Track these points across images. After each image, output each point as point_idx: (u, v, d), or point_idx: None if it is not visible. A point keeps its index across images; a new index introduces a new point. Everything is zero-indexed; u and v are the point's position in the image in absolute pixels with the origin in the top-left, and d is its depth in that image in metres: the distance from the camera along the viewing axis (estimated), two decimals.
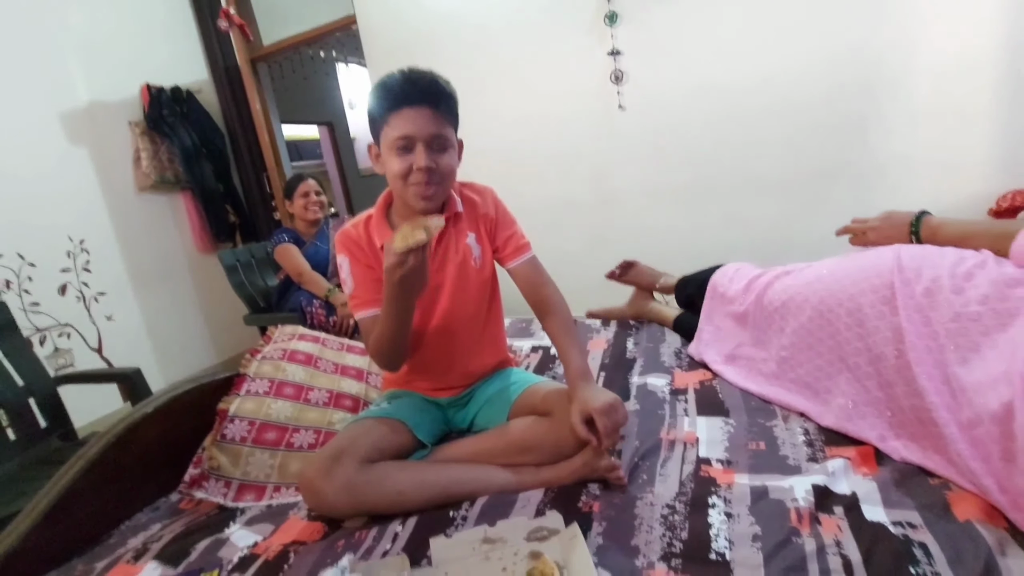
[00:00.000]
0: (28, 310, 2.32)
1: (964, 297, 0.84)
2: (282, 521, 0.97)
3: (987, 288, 0.82)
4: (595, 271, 2.34)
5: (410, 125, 0.93)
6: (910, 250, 0.96)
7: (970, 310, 0.82)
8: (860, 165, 2.02)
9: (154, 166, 2.81)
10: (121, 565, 0.90)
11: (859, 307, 0.96)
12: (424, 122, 0.93)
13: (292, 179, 2.37)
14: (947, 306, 0.85)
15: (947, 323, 0.84)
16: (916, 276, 0.90)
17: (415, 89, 0.93)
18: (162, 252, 2.90)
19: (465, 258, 1.06)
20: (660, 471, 0.93)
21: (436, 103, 0.94)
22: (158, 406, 1.10)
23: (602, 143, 2.31)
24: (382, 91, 0.95)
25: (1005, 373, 0.72)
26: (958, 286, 0.85)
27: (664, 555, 0.74)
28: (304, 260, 2.19)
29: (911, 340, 0.86)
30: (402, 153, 0.94)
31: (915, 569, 0.66)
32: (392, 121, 0.94)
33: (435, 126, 0.94)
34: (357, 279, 1.04)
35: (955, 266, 0.88)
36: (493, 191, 1.14)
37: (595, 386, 0.94)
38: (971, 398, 0.76)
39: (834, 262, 1.08)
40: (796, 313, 1.08)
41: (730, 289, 1.28)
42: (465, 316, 1.09)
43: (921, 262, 0.92)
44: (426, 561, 0.80)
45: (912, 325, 0.87)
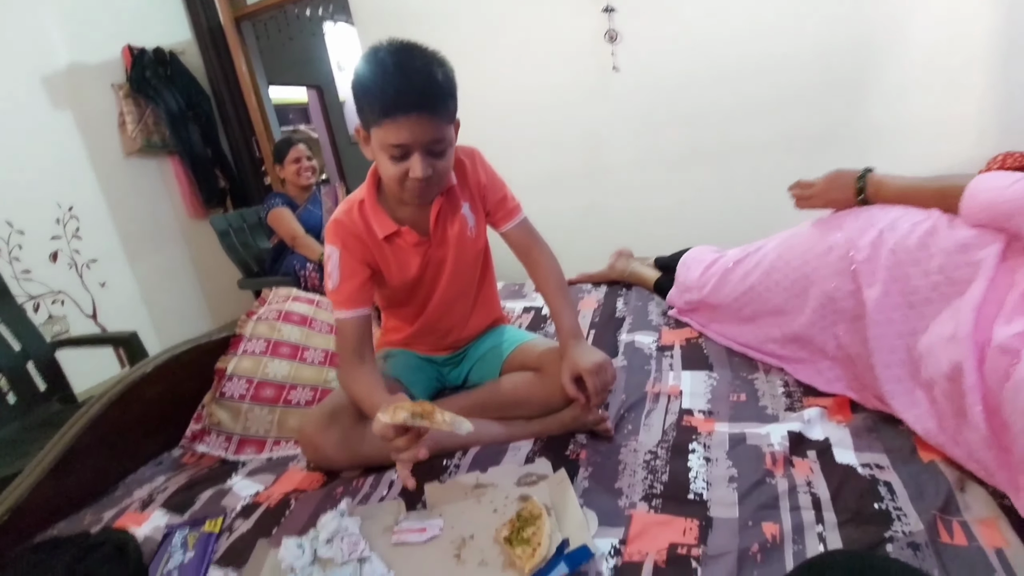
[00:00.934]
0: (20, 278, 2.31)
1: (920, 268, 0.85)
2: (282, 472, 1.01)
3: (941, 258, 0.82)
4: (586, 239, 2.35)
5: (406, 134, 0.83)
6: (860, 223, 0.95)
7: (929, 280, 0.84)
8: (854, 129, 2.01)
9: (140, 130, 2.75)
10: (129, 514, 0.94)
11: (824, 292, 0.97)
12: (422, 130, 0.83)
13: (281, 143, 2.33)
14: (906, 279, 0.86)
15: (909, 295, 0.86)
16: (875, 253, 0.90)
17: (411, 94, 0.81)
18: (153, 218, 2.88)
19: (462, 230, 1.03)
20: (644, 421, 0.97)
21: (434, 107, 0.83)
22: (157, 365, 1.12)
23: (595, 107, 2.28)
24: (372, 89, 0.83)
25: (953, 335, 0.75)
26: (914, 258, 0.86)
27: (646, 496, 0.79)
28: (298, 224, 2.19)
29: (872, 316, 0.88)
30: (397, 160, 0.86)
31: (879, 505, 0.70)
32: (385, 125, 0.83)
33: (433, 131, 0.84)
34: (345, 273, 0.96)
35: (907, 236, 0.87)
36: (480, 153, 1.08)
37: (586, 345, 0.96)
38: (927, 361, 0.79)
39: (783, 248, 1.08)
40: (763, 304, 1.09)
41: (688, 277, 1.29)
42: (463, 286, 1.09)
43: (875, 236, 0.91)
44: (421, 505, 0.84)
45: (877, 302, 0.88)
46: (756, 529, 0.70)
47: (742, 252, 1.18)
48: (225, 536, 0.85)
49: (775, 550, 0.66)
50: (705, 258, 1.28)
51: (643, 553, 0.69)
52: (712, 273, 1.21)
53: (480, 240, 1.09)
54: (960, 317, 0.74)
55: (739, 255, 1.18)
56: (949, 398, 0.74)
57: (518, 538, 0.71)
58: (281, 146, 2.31)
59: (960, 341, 0.72)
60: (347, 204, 0.99)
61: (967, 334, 0.71)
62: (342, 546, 0.74)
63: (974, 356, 0.70)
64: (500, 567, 0.69)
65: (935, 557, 0.62)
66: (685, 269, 1.31)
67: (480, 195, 1.06)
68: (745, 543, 0.68)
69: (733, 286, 1.15)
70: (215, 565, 0.79)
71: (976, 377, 0.69)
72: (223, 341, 1.24)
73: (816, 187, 1.06)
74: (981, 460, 0.69)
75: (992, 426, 0.67)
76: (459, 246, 1.03)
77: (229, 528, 0.86)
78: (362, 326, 0.96)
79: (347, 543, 0.75)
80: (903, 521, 0.67)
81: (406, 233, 0.98)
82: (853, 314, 0.92)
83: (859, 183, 1.00)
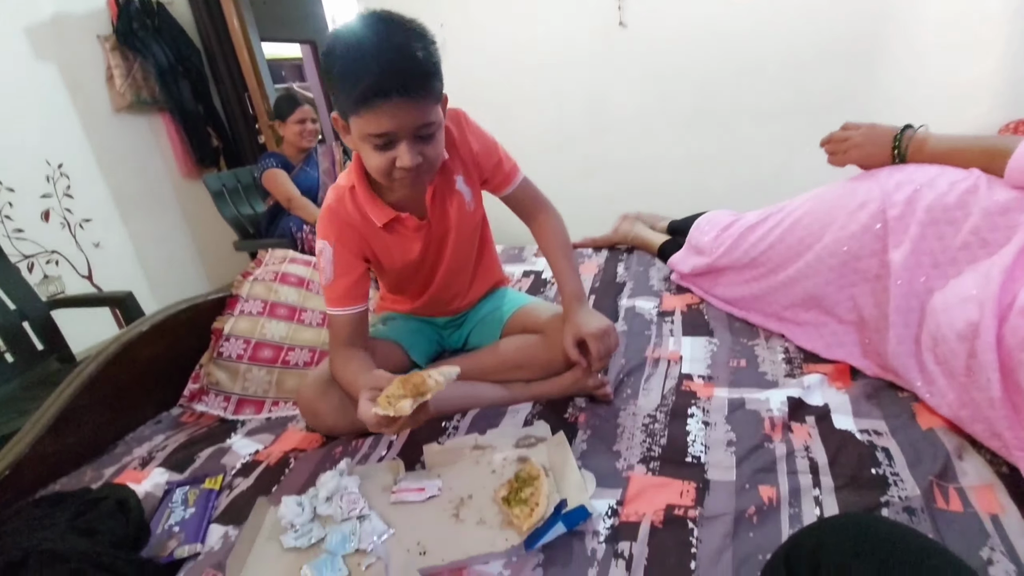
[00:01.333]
0: (12, 237, 2.27)
1: (955, 227, 0.83)
2: (281, 432, 1.01)
3: (978, 219, 0.81)
4: (589, 201, 2.31)
5: (388, 122, 0.74)
6: (896, 178, 0.93)
7: (959, 240, 0.82)
8: (867, 92, 1.96)
9: (129, 85, 2.66)
10: (129, 471, 0.94)
11: (849, 249, 0.94)
12: (405, 116, 0.75)
13: (285, 99, 2.24)
14: (938, 239, 0.84)
15: (937, 254, 0.84)
16: (910, 209, 0.88)
17: (389, 78, 0.72)
18: (146, 177, 2.82)
19: (460, 206, 0.98)
20: (644, 386, 0.97)
21: (417, 89, 0.74)
22: (153, 324, 1.11)
23: (601, 64, 2.20)
24: (345, 75, 0.74)
25: (977, 296, 0.73)
26: (951, 217, 0.84)
27: (644, 458, 0.79)
28: (293, 185, 2.14)
29: (897, 272, 0.86)
30: (381, 150, 0.78)
31: (876, 470, 0.71)
32: (364, 115, 0.75)
33: (419, 116, 0.76)
34: (339, 270, 0.92)
35: (945, 195, 0.85)
36: (465, 115, 0.96)
37: (590, 309, 0.94)
38: (939, 317, 0.78)
39: (815, 203, 1.04)
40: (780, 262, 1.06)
41: (701, 240, 1.26)
42: (464, 260, 1.06)
43: (912, 192, 0.89)
44: (419, 465, 0.84)
45: (903, 261, 0.86)
46: (753, 492, 0.70)
47: (763, 213, 1.15)
48: (225, 493, 0.85)
49: (771, 512, 0.67)
50: (721, 221, 1.24)
51: (640, 514, 0.69)
52: (729, 235, 1.18)
53: (478, 212, 1.04)
54: (987, 278, 0.73)
55: (760, 216, 1.15)
56: (956, 357, 0.74)
57: (516, 498, 0.72)
58: (284, 103, 2.22)
59: (983, 302, 0.71)
60: (337, 192, 0.93)
61: (991, 295, 0.70)
62: (341, 504, 0.75)
63: (995, 317, 0.69)
64: (498, 526, 0.70)
65: (930, 522, 0.62)
66: (699, 233, 1.28)
67: (473, 164, 0.97)
68: (741, 505, 0.68)
69: (751, 245, 1.12)
70: (215, 521, 0.80)
71: (993, 338, 0.68)
72: (219, 301, 1.22)
73: (851, 140, 1.01)
74: (988, 420, 0.69)
75: (1005, 387, 0.66)
76: (459, 223, 0.99)
77: (229, 486, 0.87)
78: (355, 323, 0.94)
79: (346, 501, 0.75)
80: (899, 486, 0.67)
81: (406, 219, 0.94)
82: (876, 273, 0.91)
83: (896, 141, 0.96)
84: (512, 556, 0.66)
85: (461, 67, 2.56)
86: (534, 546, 0.66)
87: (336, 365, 0.92)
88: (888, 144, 0.98)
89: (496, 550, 0.66)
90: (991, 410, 0.68)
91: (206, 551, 0.74)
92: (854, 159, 1.02)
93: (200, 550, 0.74)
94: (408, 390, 0.72)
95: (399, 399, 0.71)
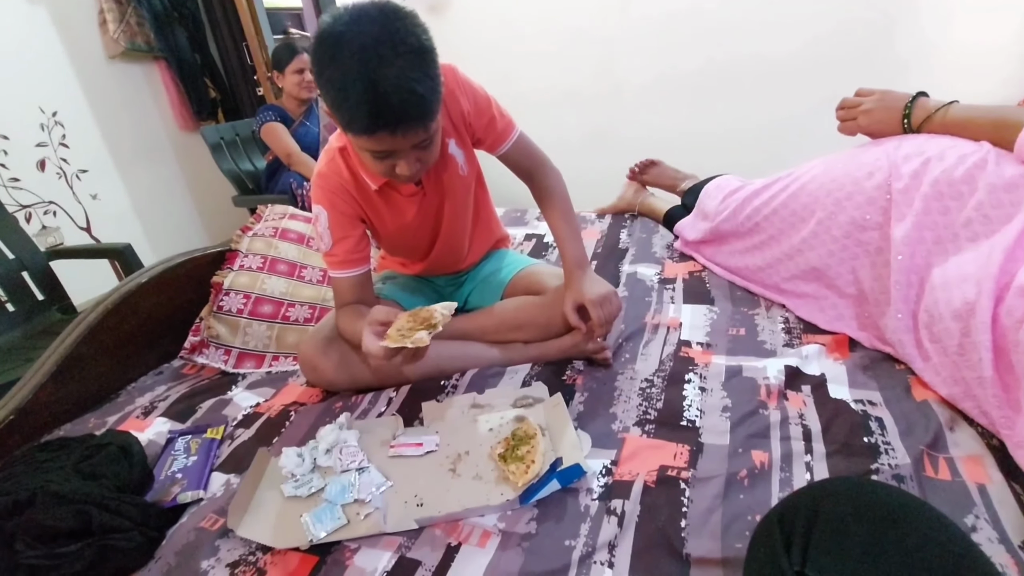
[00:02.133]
0: (8, 186, 2.24)
1: (960, 203, 0.81)
2: (282, 386, 1.02)
3: (983, 194, 0.79)
4: (595, 166, 2.26)
5: (388, 144, 0.73)
6: (905, 149, 0.90)
7: (963, 216, 0.81)
8: (882, 59, 1.89)
9: (123, 31, 2.57)
10: (131, 420, 0.96)
11: (853, 220, 0.93)
12: (405, 140, 0.73)
13: (284, 48, 2.16)
14: (942, 214, 0.83)
15: (940, 230, 0.83)
16: (915, 183, 0.86)
17: (390, 115, 0.69)
18: (142, 128, 2.75)
19: (453, 171, 0.95)
20: (642, 351, 0.97)
21: (411, 119, 0.70)
22: (153, 276, 1.11)
23: (612, 25, 2.12)
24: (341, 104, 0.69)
25: (975, 275, 0.73)
26: (957, 191, 0.82)
27: (639, 421, 0.80)
28: (292, 140, 2.10)
29: (898, 246, 0.85)
30: (380, 159, 0.76)
31: (868, 439, 0.72)
32: (362, 137, 0.72)
33: (419, 136, 0.73)
34: (337, 235, 0.90)
35: (953, 169, 0.83)
36: (455, 70, 0.90)
37: (592, 275, 0.93)
38: (937, 295, 0.78)
39: (822, 170, 1.02)
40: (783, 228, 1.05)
41: (707, 205, 1.24)
42: (462, 224, 1.05)
43: (919, 165, 0.87)
44: (418, 422, 0.86)
45: (905, 235, 0.85)
46: (746, 456, 0.71)
47: (770, 179, 1.12)
48: (227, 443, 0.87)
49: (762, 476, 0.68)
50: (729, 185, 1.22)
51: (634, 474, 0.70)
52: (734, 199, 1.16)
53: (472, 173, 1.01)
54: (987, 257, 0.72)
55: (767, 181, 1.13)
56: (950, 336, 0.74)
57: (512, 455, 0.73)
58: (283, 51, 2.14)
59: (980, 280, 0.70)
60: (328, 155, 0.90)
61: (990, 274, 0.69)
62: (340, 456, 0.76)
63: (992, 297, 0.68)
64: (494, 482, 0.72)
65: (918, 489, 0.63)
66: (707, 198, 1.26)
67: (464, 125, 0.93)
68: (733, 468, 0.69)
69: (754, 210, 1.10)
70: (217, 470, 0.81)
71: (989, 317, 0.68)
72: (218, 255, 1.22)
73: (862, 106, 0.99)
74: (977, 398, 0.70)
75: (997, 366, 0.67)
76: (454, 188, 0.96)
77: (230, 436, 0.89)
78: (360, 284, 0.93)
79: (346, 454, 0.77)
80: (890, 455, 0.69)
81: (400, 184, 0.91)
82: (877, 246, 0.90)
83: (907, 109, 0.94)
84: (507, 510, 0.67)
85: (467, 29, 2.48)
86: (528, 501, 0.67)
87: (343, 322, 0.92)
88: (899, 112, 0.95)
89: (492, 503, 0.67)
90: (980, 389, 0.69)
91: (208, 497, 0.76)
92: (863, 126, 1.00)
93: (203, 496, 0.76)
94: (419, 322, 0.73)
95: (411, 332, 0.72)
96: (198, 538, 0.68)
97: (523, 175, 1.03)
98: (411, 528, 0.66)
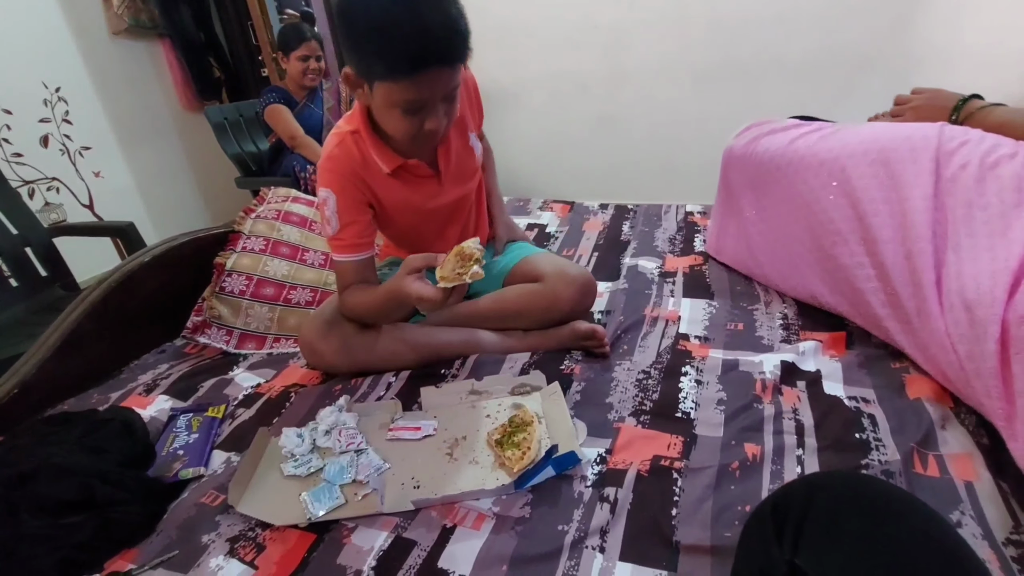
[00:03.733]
0: (11, 161, 2.24)
1: (983, 186, 0.81)
2: (283, 367, 1.03)
3: (1006, 180, 0.79)
4: (601, 153, 2.25)
5: (425, 90, 0.74)
6: (952, 131, 0.90)
7: (983, 199, 0.80)
8: (897, 53, 1.87)
9: (127, 7, 2.55)
10: (134, 396, 0.97)
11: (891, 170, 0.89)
12: (443, 83, 0.75)
13: (290, 29, 2.14)
14: (964, 192, 0.82)
15: (958, 209, 0.82)
16: (947, 160, 0.85)
17: (432, 49, 0.70)
18: (146, 107, 2.74)
19: (471, 159, 1.01)
20: (640, 343, 0.98)
21: (460, 56, 0.73)
22: (155, 255, 1.12)
23: (621, 10, 2.10)
24: (379, 42, 0.70)
25: (989, 265, 0.73)
26: (982, 175, 0.81)
27: (635, 412, 0.81)
28: (296, 123, 2.09)
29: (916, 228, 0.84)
30: (410, 114, 0.77)
31: (860, 435, 0.73)
32: (400, 82, 0.73)
33: (454, 79, 0.76)
34: (345, 219, 0.90)
35: (986, 155, 0.83)
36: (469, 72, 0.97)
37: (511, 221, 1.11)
38: (951, 284, 0.78)
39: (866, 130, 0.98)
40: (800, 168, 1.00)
41: (736, 144, 1.19)
42: (468, 210, 1.09)
43: (958, 144, 0.86)
44: (416, 406, 0.87)
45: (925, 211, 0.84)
46: (738, 448, 0.72)
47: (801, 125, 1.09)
48: (227, 422, 0.88)
49: (754, 468, 0.69)
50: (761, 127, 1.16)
51: (627, 462, 0.72)
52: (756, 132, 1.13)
53: (479, 165, 1.07)
54: (1006, 248, 0.72)
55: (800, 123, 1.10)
56: (960, 325, 0.74)
57: (509, 442, 0.74)
58: (290, 33, 2.12)
59: (996, 273, 0.70)
60: (338, 137, 0.90)
61: (1008, 267, 0.70)
62: (340, 438, 0.78)
63: (1007, 289, 0.69)
64: (490, 467, 0.73)
65: (906, 485, 0.64)
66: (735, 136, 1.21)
67: (479, 119, 1.04)
68: (726, 459, 0.71)
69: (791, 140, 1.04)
70: (218, 448, 0.83)
71: (1001, 309, 0.68)
72: (221, 236, 1.22)
73: (912, 103, 1.00)
74: (976, 388, 0.70)
75: (1001, 357, 0.67)
76: (465, 176, 1.01)
77: (231, 415, 0.90)
78: (363, 267, 0.94)
79: (345, 435, 0.78)
80: (880, 451, 0.70)
81: (415, 166, 0.92)
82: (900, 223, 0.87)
83: (956, 109, 0.94)
84: (502, 494, 0.68)
85: (472, 7, 2.44)
86: (524, 486, 0.68)
87: (353, 298, 0.93)
88: (947, 111, 0.95)
89: (487, 488, 0.68)
90: (978, 380, 0.69)
91: (209, 474, 0.78)
92: (910, 120, 1.00)
93: (204, 473, 0.78)
94: (465, 259, 0.75)
95: (464, 268, 0.74)
96: (199, 513, 0.70)
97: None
98: (407, 509, 0.67)
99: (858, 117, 1.22)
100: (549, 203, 1.71)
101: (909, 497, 0.40)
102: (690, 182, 2.20)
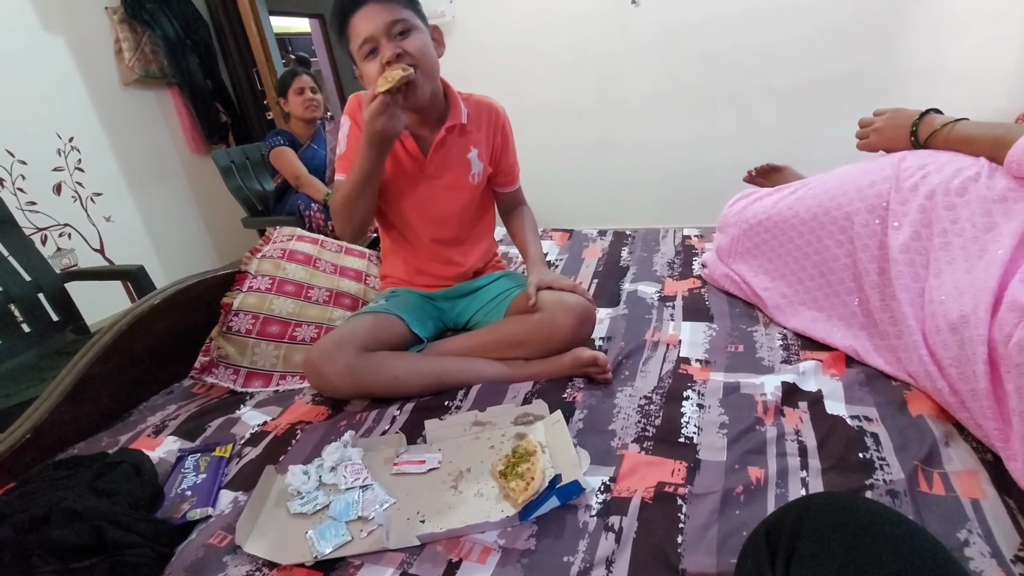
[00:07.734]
0: (25, 209, 2.31)
1: (954, 213, 0.83)
2: (289, 404, 1.04)
3: (975, 204, 0.81)
4: (598, 180, 2.29)
5: (364, 26, 0.94)
6: (909, 164, 0.93)
7: (956, 226, 0.83)
8: (882, 74, 1.93)
9: (138, 59, 2.66)
10: (143, 438, 0.98)
11: (851, 224, 0.95)
12: (377, 16, 0.93)
13: (285, 74, 2.25)
14: (937, 223, 0.85)
15: (934, 238, 0.84)
16: (913, 192, 0.88)
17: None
18: (155, 152, 2.83)
19: (464, 171, 1.12)
20: (641, 368, 0.99)
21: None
22: (165, 297, 1.14)
23: (612, 42, 2.18)
24: (332, 13, 0.97)
25: (971, 287, 0.74)
26: (951, 203, 0.84)
27: (637, 438, 0.81)
28: (300, 163, 2.15)
29: (895, 256, 0.87)
30: (371, 58, 0.96)
31: (863, 454, 0.73)
32: (352, 33, 0.96)
33: (388, 14, 0.94)
34: (353, 143, 1.07)
35: (950, 180, 0.86)
36: (504, 112, 1.17)
37: (548, 270, 1.13)
38: (935, 308, 0.79)
39: (827, 177, 1.06)
40: (784, 228, 1.06)
41: (728, 213, 1.24)
42: (458, 209, 1.16)
43: (919, 179, 0.89)
44: (421, 439, 0.87)
45: (900, 242, 0.87)
46: (742, 472, 0.72)
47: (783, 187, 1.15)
48: (235, 461, 0.89)
49: (758, 491, 0.69)
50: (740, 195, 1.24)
51: (632, 490, 0.72)
52: (745, 203, 1.18)
53: (479, 187, 1.17)
54: (984, 271, 0.74)
55: (779, 188, 1.15)
56: (947, 348, 0.75)
57: (513, 472, 0.74)
58: (285, 76, 2.23)
59: (977, 294, 0.72)
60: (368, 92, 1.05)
61: (986, 288, 0.71)
62: (345, 474, 0.78)
63: (989, 309, 0.70)
64: (495, 499, 0.73)
65: (911, 504, 0.64)
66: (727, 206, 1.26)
67: (491, 150, 1.16)
68: (730, 484, 0.70)
69: (761, 207, 1.11)
70: (226, 487, 0.83)
71: (985, 330, 0.69)
72: (228, 276, 1.25)
73: (874, 124, 1.05)
74: (972, 410, 0.71)
75: (991, 378, 0.68)
76: (456, 178, 1.11)
77: (238, 454, 0.91)
78: None
79: (350, 471, 0.79)
80: (885, 470, 0.69)
81: (405, 138, 1.07)
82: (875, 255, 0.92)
83: (914, 126, 0.98)
84: (507, 526, 0.69)
85: (471, 43, 2.54)
86: (528, 518, 0.69)
87: (334, 194, 1.08)
88: (907, 129, 0.99)
89: (492, 520, 0.69)
90: (973, 401, 0.70)
91: (217, 514, 0.78)
92: (875, 144, 1.05)
93: (211, 513, 0.78)
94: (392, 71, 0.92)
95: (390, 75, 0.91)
96: (207, 554, 0.70)
97: (507, 209, 1.28)
98: (413, 544, 0.67)
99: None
100: (548, 232, 1.75)
101: (895, 515, 0.40)
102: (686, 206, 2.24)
